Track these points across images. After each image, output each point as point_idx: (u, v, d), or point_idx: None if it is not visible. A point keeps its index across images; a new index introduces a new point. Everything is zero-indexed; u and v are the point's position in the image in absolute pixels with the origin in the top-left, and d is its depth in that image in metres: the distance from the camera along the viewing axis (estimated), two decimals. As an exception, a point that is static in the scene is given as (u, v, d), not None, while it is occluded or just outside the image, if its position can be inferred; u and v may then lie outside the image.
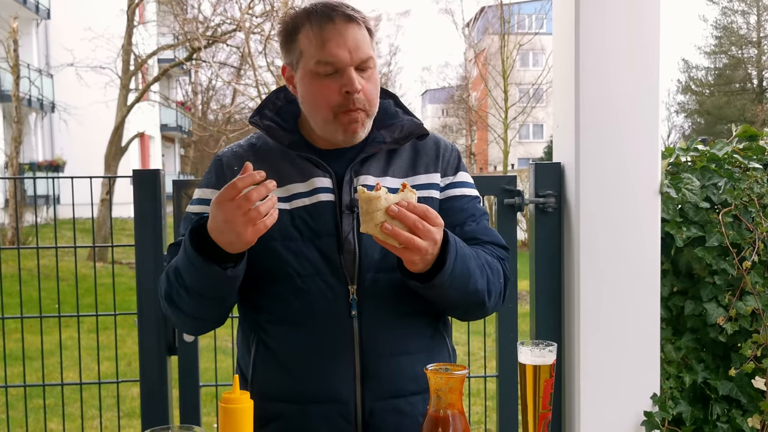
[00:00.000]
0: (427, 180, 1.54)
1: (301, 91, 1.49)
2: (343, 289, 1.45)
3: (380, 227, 1.29)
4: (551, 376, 1.29)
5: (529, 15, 21.60)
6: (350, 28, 1.43)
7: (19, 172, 15.44)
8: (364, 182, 1.49)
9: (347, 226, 1.46)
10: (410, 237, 1.30)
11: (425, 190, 1.53)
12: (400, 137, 1.54)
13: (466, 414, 1.23)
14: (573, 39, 2.26)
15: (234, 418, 1.27)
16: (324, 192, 1.47)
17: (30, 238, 12.51)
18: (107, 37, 15.53)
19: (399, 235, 1.29)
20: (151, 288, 2.40)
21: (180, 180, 2.45)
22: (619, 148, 2.26)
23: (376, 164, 1.52)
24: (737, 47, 29.21)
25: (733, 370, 2.28)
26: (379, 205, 1.29)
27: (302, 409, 1.46)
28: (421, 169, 1.55)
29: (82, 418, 2.77)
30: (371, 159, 1.52)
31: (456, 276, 1.39)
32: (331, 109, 1.45)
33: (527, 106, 17.77)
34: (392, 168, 1.53)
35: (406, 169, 1.54)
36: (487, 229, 1.58)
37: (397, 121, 1.57)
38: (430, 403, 1.22)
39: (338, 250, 1.45)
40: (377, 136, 1.54)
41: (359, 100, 1.44)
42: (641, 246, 2.26)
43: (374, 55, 1.48)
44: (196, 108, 23.69)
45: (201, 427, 1.68)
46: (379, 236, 1.30)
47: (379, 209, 1.29)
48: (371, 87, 1.47)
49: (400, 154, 1.56)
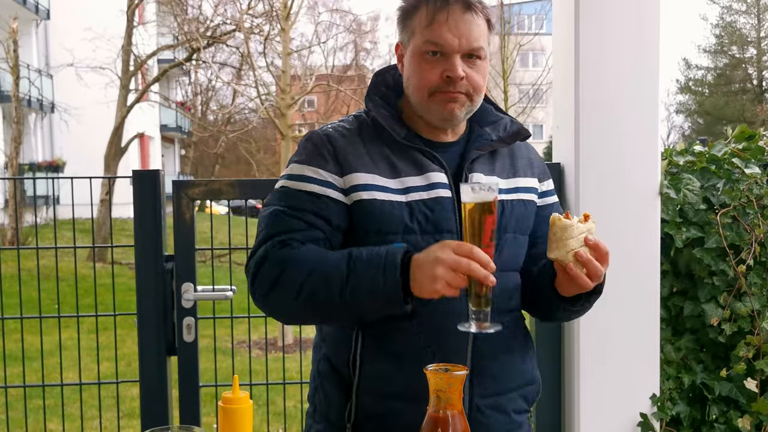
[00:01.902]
0: (527, 183, 1.57)
1: (407, 68, 1.49)
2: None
3: (574, 254, 1.34)
4: (492, 213, 1.30)
5: (529, 15, 21.59)
6: (466, 15, 1.43)
7: (19, 173, 15.42)
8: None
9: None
10: (598, 265, 1.35)
11: (525, 193, 1.55)
12: (505, 136, 1.56)
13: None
14: (573, 39, 2.26)
15: (234, 418, 1.27)
16: (441, 187, 1.46)
17: (30, 238, 12.50)
18: (107, 38, 15.52)
19: (591, 263, 1.35)
20: (151, 288, 2.39)
21: (180, 180, 2.45)
22: (619, 149, 2.26)
23: (483, 162, 1.53)
24: (738, 47, 29.20)
25: (724, 371, 2.28)
26: (573, 233, 1.34)
27: (412, 407, 1.42)
28: (521, 172, 1.57)
29: (82, 419, 2.77)
30: (479, 157, 1.52)
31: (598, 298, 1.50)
32: (428, 90, 1.45)
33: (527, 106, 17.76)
34: (497, 168, 1.54)
35: (507, 170, 1.56)
36: None
37: (497, 119, 1.59)
38: (429, 403, 1.22)
39: None
40: (483, 133, 1.55)
41: (461, 85, 1.44)
42: (641, 246, 2.26)
43: (486, 47, 1.47)
44: (196, 108, 23.68)
45: (201, 427, 1.68)
46: (568, 262, 1.35)
47: (573, 237, 1.34)
48: (477, 77, 1.46)
49: (501, 153, 1.57)
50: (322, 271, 1.36)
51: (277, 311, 1.46)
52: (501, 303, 1.48)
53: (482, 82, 1.48)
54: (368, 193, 1.43)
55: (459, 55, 1.43)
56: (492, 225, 1.31)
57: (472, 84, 1.45)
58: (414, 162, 1.48)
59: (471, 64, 1.45)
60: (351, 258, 1.35)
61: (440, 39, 1.43)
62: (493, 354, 1.47)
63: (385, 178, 1.45)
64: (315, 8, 12.29)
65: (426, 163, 1.48)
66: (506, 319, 1.48)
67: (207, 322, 2.62)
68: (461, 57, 1.44)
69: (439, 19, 1.43)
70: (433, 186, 1.46)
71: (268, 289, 1.39)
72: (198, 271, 2.47)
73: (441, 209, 1.44)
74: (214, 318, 2.68)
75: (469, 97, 1.47)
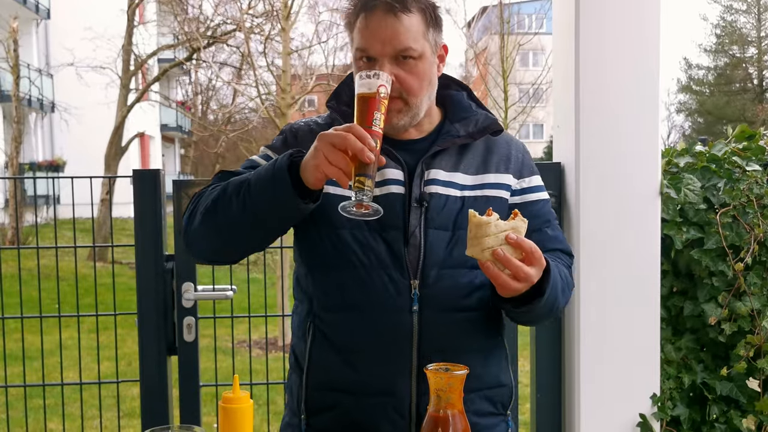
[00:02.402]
0: (497, 180, 1.53)
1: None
2: (405, 284, 1.44)
3: (492, 253, 1.28)
4: (374, 97, 1.30)
5: (528, 15, 21.57)
6: (389, 18, 1.42)
7: (19, 172, 15.43)
8: (435, 176, 1.47)
9: (414, 220, 1.46)
10: (520, 265, 1.29)
11: (495, 189, 1.52)
12: (474, 131, 1.53)
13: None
14: (573, 39, 2.26)
15: (234, 418, 1.27)
16: (395, 184, 1.46)
17: (30, 238, 12.51)
18: (107, 37, 15.52)
19: (510, 263, 1.29)
20: (151, 288, 2.40)
21: (180, 180, 2.45)
22: (619, 148, 2.25)
23: (448, 158, 1.51)
24: (738, 46, 29.19)
25: (725, 370, 2.28)
26: (489, 231, 1.28)
27: (358, 401, 1.45)
28: (492, 168, 1.53)
29: (82, 418, 2.77)
30: (443, 153, 1.50)
31: (548, 302, 1.40)
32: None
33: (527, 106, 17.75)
34: (463, 164, 1.51)
35: (477, 166, 1.53)
36: (559, 235, 1.60)
37: (471, 114, 1.55)
38: (430, 403, 1.22)
39: (404, 243, 1.45)
40: (450, 129, 1.53)
41: (393, 90, 1.42)
42: (641, 246, 2.26)
43: (423, 43, 1.44)
44: (196, 108, 23.67)
45: (201, 427, 1.68)
46: (485, 260, 1.29)
47: (489, 235, 1.28)
48: (410, 77, 1.44)
49: (472, 149, 1.54)
50: (235, 185, 1.40)
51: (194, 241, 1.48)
52: (451, 300, 1.46)
53: (417, 82, 1.45)
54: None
55: (386, 59, 1.42)
56: (374, 108, 1.30)
57: (404, 87, 1.44)
58: None
59: (404, 65, 1.43)
60: (249, 178, 1.38)
61: (365, 45, 1.43)
62: (441, 352, 1.42)
63: None
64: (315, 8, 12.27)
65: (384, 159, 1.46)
66: (457, 317, 1.46)
67: (207, 322, 2.62)
68: (392, 60, 1.42)
69: (364, 25, 1.43)
70: (385, 182, 1.46)
71: (188, 217, 1.47)
72: (198, 271, 2.47)
73: (389, 206, 1.43)
74: (215, 318, 2.68)
75: (405, 101, 1.45)
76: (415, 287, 1.44)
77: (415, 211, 1.46)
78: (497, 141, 1.57)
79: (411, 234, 1.45)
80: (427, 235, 1.45)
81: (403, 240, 1.45)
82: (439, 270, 1.45)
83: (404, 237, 1.45)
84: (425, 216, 1.46)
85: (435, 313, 1.45)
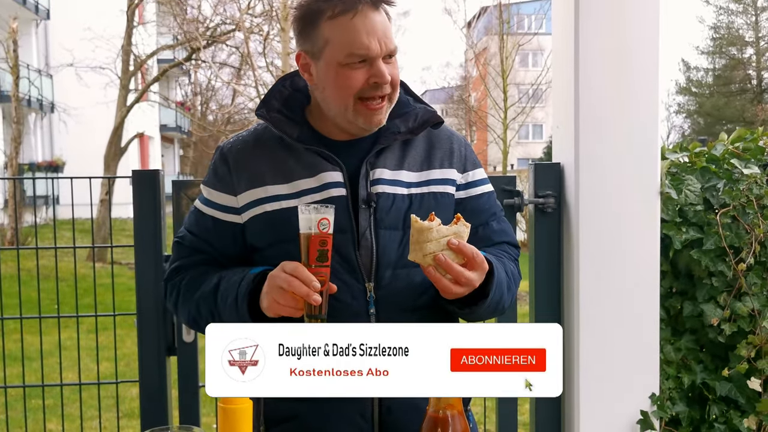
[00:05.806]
0: (443, 175, 1.51)
1: (322, 78, 1.44)
2: (360, 287, 1.42)
3: (433, 258, 1.29)
4: (318, 232, 1.29)
5: (528, 15, 21.58)
6: (377, 15, 1.40)
7: (19, 173, 15.42)
8: (381, 176, 1.45)
9: (364, 222, 1.43)
10: (462, 270, 1.30)
11: (441, 185, 1.50)
12: (414, 126, 1.50)
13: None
14: (573, 39, 2.26)
15: (233, 418, 1.27)
16: (335, 187, 1.43)
17: (29, 238, 12.50)
18: (107, 38, 15.51)
19: (451, 268, 1.29)
20: (150, 288, 2.39)
21: (179, 180, 2.45)
22: (618, 149, 2.25)
23: (392, 156, 1.48)
24: (736, 47, 29.20)
25: (726, 370, 2.28)
26: (431, 236, 1.28)
27: (318, 408, 1.43)
28: (436, 164, 1.52)
29: (82, 419, 2.77)
30: (386, 151, 1.48)
31: (493, 302, 1.42)
32: (353, 96, 1.41)
33: (527, 106, 17.76)
34: (407, 161, 1.50)
35: (420, 162, 1.51)
36: (505, 227, 1.59)
37: (410, 109, 1.53)
38: (429, 404, 1.22)
39: (355, 246, 1.42)
40: (391, 126, 1.49)
41: (385, 89, 1.42)
42: (641, 246, 2.25)
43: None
44: (196, 108, 23.69)
45: (200, 427, 1.68)
46: (427, 265, 1.30)
47: (431, 240, 1.28)
48: (395, 73, 1.44)
49: (414, 145, 1.52)
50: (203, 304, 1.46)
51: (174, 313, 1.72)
52: (407, 300, 1.44)
53: (399, 76, 1.46)
54: (260, 208, 1.45)
55: (381, 59, 1.40)
56: (317, 245, 1.29)
57: (392, 84, 1.44)
58: (307, 163, 1.45)
59: (389, 62, 1.43)
60: (218, 289, 1.44)
61: (364, 49, 1.38)
62: None
63: (277, 185, 1.44)
64: (315, 8, 12.27)
65: (319, 162, 1.45)
66: (414, 316, 1.44)
67: (207, 322, 2.62)
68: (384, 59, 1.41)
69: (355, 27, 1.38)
70: (325, 186, 1.43)
71: (173, 307, 1.56)
72: (198, 271, 2.46)
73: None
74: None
75: (390, 99, 1.45)
76: (370, 290, 1.43)
77: (363, 213, 1.44)
78: (439, 135, 1.55)
79: (362, 236, 1.43)
80: (379, 236, 1.43)
81: (353, 243, 1.42)
82: (393, 270, 1.43)
83: (355, 240, 1.43)
84: (374, 217, 1.44)
85: (392, 314, 1.43)
